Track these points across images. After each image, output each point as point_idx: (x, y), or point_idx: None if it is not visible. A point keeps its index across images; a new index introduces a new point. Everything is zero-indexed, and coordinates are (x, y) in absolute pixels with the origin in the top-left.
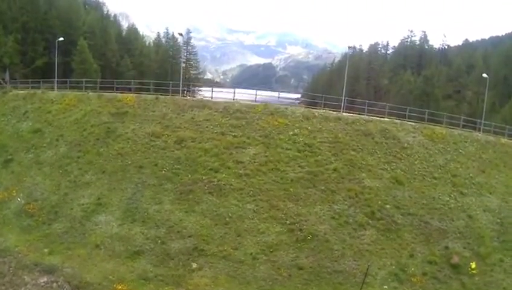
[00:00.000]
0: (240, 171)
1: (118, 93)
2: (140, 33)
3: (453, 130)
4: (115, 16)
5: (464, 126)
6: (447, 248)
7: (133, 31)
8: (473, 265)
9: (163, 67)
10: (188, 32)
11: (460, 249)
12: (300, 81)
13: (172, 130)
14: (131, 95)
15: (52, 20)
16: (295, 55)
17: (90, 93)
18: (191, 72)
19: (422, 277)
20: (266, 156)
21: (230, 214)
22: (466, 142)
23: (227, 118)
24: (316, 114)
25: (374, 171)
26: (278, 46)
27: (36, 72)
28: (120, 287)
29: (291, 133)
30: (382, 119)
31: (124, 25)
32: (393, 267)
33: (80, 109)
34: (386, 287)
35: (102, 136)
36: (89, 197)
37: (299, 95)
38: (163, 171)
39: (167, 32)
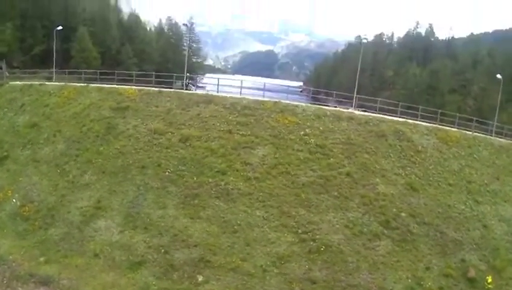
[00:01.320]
0: (249, 174)
1: (118, 86)
2: (142, 19)
3: (466, 132)
4: (116, 0)
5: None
6: (463, 260)
7: (134, 17)
8: (489, 279)
9: (165, 56)
10: (191, 20)
11: (476, 262)
12: (302, 68)
13: (177, 128)
14: (133, 88)
15: (51, 6)
16: (297, 42)
17: (91, 86)
18: (193, 60)
19: None
20: (276, 158)
21: (238, 222)
22: (480, 146)
23: (235, 115)
24: (328, 113)
25: (388, 177)
26: (281, 33)
27: (35, 60)
28: None
29: (302, 133)
30: (395, 119)
31: (125, 9)
32: (409, 280)
33: (79, 103)
34: None
35: (102, 133)
36: (88, 200)
37: (301, 83)
38: (167, 173)
39: (170, 20)
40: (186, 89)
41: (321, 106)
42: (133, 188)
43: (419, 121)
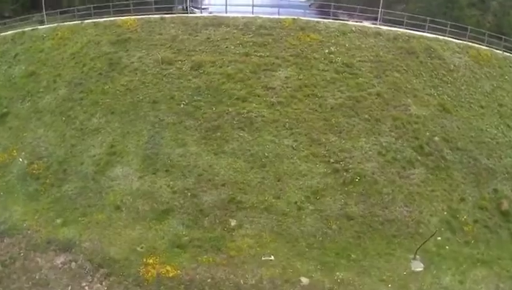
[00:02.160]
0: (272, 100)
1: (116, 18)
2: None
3: (497, 51)
4: None
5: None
6: (495, 190)
7: None
8: None
9: None
10: None
11: (508, 193)
12: None
13: (186, 55)
14: (131, 18)
15: None
16: None
17: (85, 22)
18: None
19: (473, 225)
20: (300, 80)
21: (266, 154)
22: (511, 66)
23: (250, 36)
24: (353, 28)
25: (420, 97)
26: None
27: (25, 6)
28: (151, 260)
29: (327, 51)
30: (425, 35)
31: None
32: (445, 213)
33: (75, 42)
34: (439, 238)
35: (106, 70)
36: (100, 146)
37: None
38: (182, 105)
39: None
40: (189, 13)
41: (345, 22)
42: (147, 126)
43: (448, 36)
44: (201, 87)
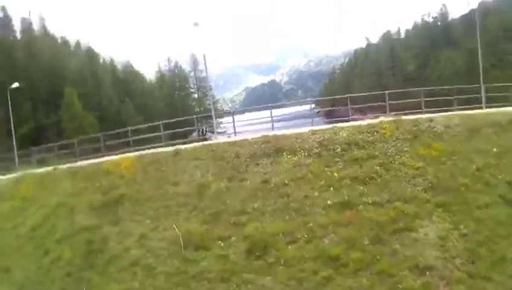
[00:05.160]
0: None
1: (106, 158)
2: (137, 69)
3: None
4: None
5: None
6: None
7: (128, 68)
8: None
9: (172, 104)
10: (194, 58)
11: None
12: (308, 91)
13: (233, 225)
14: (128, 156)
15: (33, 73)
16: (296, 66)
17: (60, 168)
18: (207, 102)
19: None
20: None
21: None
22: None
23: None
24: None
25: None
26: (278, 61)
27: (24, 141)
28: None
29: None
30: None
31: (118, 60)
32: None
33: (39, 206)
34: None
35: (79, 266)
36: None
37: (313, 105)
38: None
39: (169, 61)
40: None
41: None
42: None
43: None
44: None
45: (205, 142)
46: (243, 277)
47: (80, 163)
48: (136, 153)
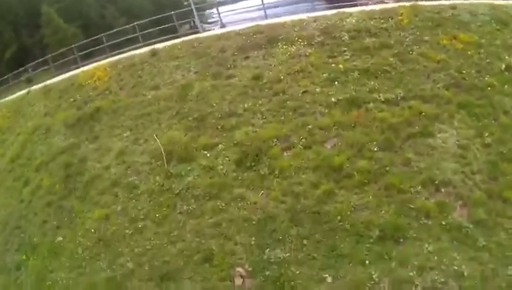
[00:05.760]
0: None
1: (80, 70)
2: None
3: None
4: None
5: None
6: None
7: None
8: None
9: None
10: None
11: None
12: None
13: (227, 132)
14: (100, 64)
15: None
16: None
17: (33, 89)
18: None
19: None
20: None
21: None
22: None
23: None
24: None
25: None
26: None
27: (9, 66)
28: None
29: None
30: None
31: None
32: None
33: (17, 134)
34: None
35: (59, 193)
36: None
37: None
38: None
39: None
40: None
41: None
42: None
43: None
44: None
45: (185, 38)
46: (233, 192)
47: (54, 79)
48: (111, 59)
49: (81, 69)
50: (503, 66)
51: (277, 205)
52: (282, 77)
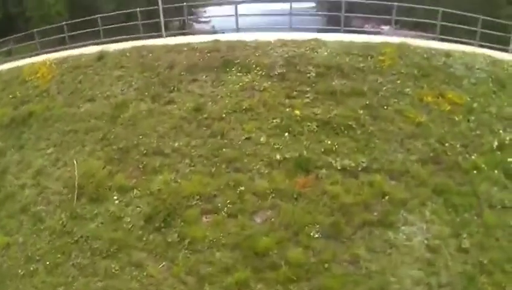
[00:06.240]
0: None
1: (31, 60)
2: None
3: None
4: None
5: None
6: None
7: None
8: None
9: None
10: None
11: None
12: None
13: (148, 174)
14: (47, 58)
15: None
16: None
17: None
18: None
19: None
20: None
21: None
22: None
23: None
24: None
25: None
26: None
27: None
28: None
29: None
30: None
31: None
32: None
33: None
34: None
35: None
36: None
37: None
38: None
39: None
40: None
41: None
42: None
43: None
44: None
45: (136, 44)
46: (132, 255)
47: (5, 65)
48: (70, 52)
49: (35, 58)
50: (496, 143)
51: (175, 286)
52: (225, 115)
